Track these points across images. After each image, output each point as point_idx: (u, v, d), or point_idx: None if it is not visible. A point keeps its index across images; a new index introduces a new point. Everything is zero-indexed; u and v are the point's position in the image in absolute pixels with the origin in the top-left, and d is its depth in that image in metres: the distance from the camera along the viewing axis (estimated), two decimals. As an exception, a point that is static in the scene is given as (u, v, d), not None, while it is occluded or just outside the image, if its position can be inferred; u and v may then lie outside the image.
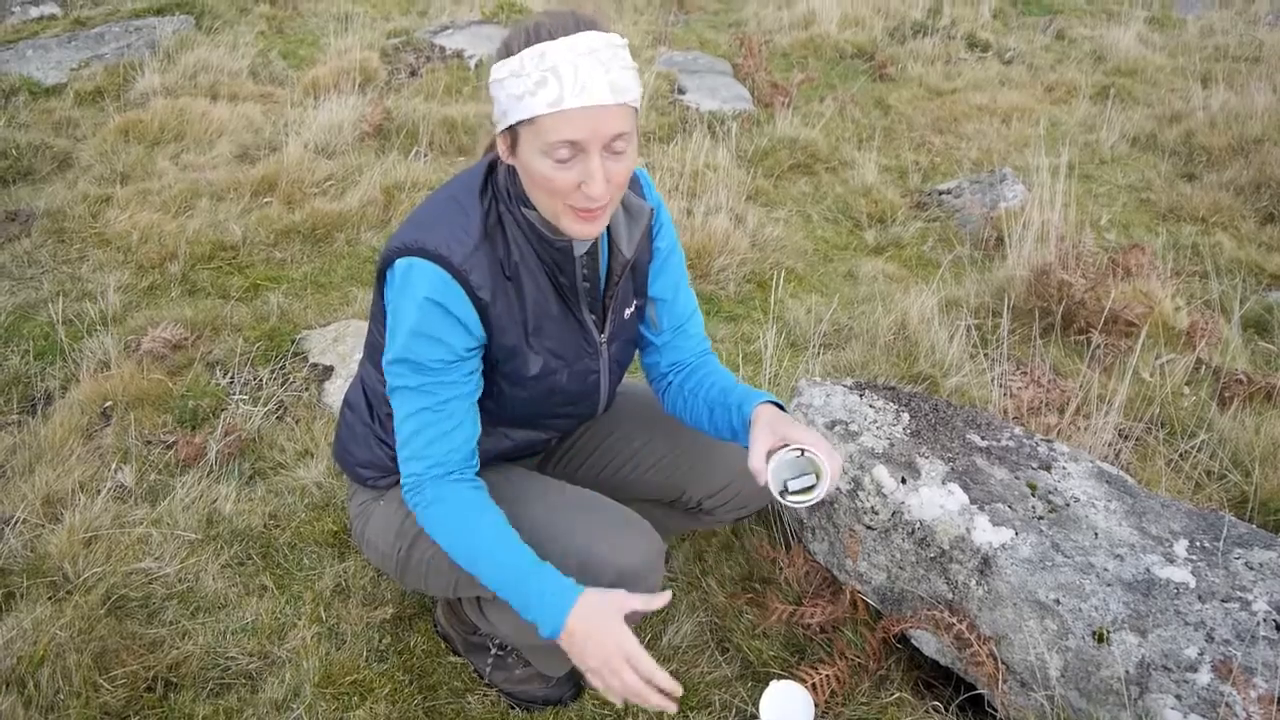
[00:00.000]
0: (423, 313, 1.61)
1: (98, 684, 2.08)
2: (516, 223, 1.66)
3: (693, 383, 1.96)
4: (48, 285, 3.70)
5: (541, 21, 1.49)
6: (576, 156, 1.51)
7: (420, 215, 1.68)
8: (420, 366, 1.64)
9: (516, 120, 1.50)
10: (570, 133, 1.47)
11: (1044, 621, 1.88)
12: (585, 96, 1.45)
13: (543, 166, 1.52)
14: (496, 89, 1.53)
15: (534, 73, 1.45)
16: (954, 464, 2.19)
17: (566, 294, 1.74)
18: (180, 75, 5.80)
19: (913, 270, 4.33)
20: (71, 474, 2.67)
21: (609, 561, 1.73)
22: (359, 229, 4.23)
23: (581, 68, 1.45)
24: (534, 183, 1.57)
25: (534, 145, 1.51)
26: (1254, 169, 5.14)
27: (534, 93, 1.46)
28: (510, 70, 1.48)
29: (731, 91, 6.15)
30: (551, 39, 1.46)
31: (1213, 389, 3.30)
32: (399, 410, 1.70)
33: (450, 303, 1.61)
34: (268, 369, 3.21)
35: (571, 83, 1.45)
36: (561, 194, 1.54)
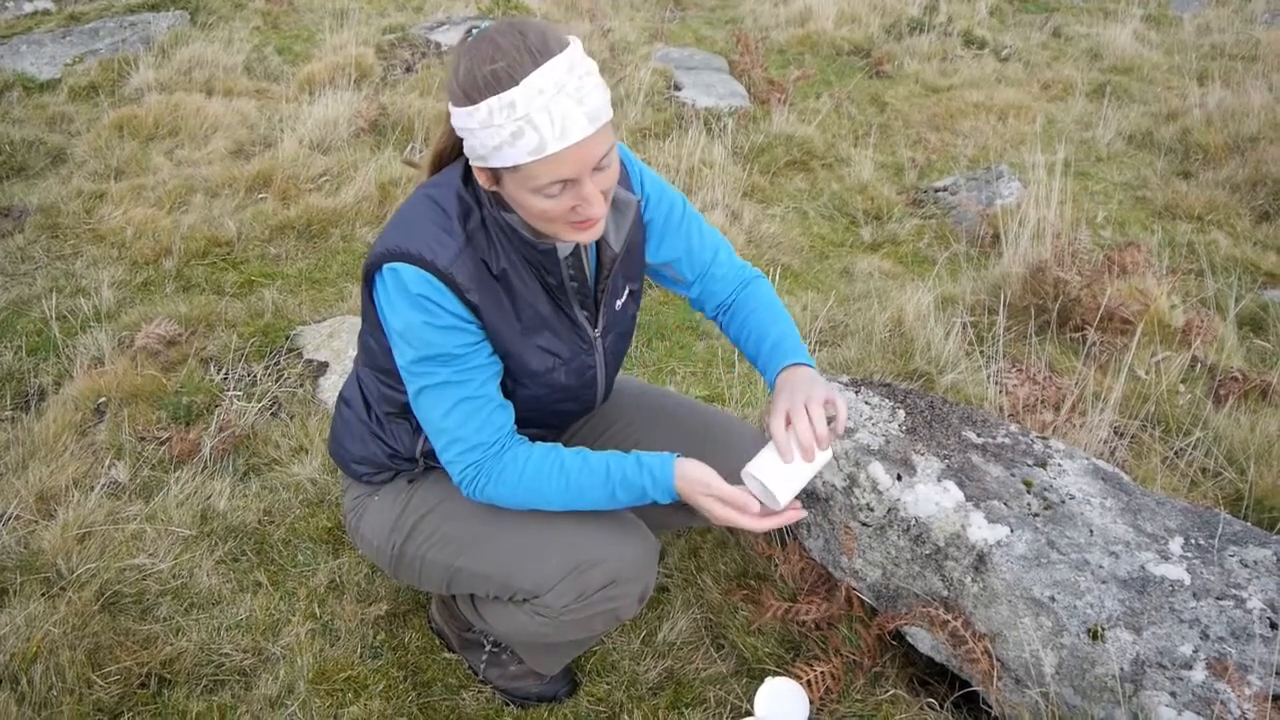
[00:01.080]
0: (423, 309, 1.59)
1: (91, 680, 2.07)
2: (499, 226, 1.63)
3: (734, 328, 1.98)
4: (41, 281, 3.69)
5: (497, 65, 1.39)
6: (568, 187, 1.48)
7: (401, 218, 1.64)
8: (447, 357, 1.62)
9: (498, 166, 1.46)
10: (561, 174, 1.45)
11: (1039, 619, 1.88)
12: (566, 138, 1.41)
13: (535, 202, 1.49)
14: (466, 135, 1.47)
15: (507, 124, 1.39)
16: (949, 461, 2.19)
17: (555, 293, 1.72)
18: (175, 71, 5.79)
19: (909, 267, 4.33)
20: (65, 470, 2.66)
21: (602, 561, 1.74)
22: (354, 225, 4.22)
23: (555, 109, 1.39)
24: (526, 212, 1.55)
25: (521, 186, 1.48)
26: (1250, 167, 5.14)
27: (512, 144, 1.41)
28: (479, 121, 1.42)
29: (728, 88, 6.14)
30: (514, 84, 1.38)
31: (1208, 387, 3.30)
32: (435, 408, 1.66)
33: (443, 301, 1.59)
34: (262, 365, 3.20)
35: (549, 129, 1.39)
36: (559, 218, 1.53)
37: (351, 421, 1.93)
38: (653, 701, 2.14)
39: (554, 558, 1.75)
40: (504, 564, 1.78)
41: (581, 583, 1.73)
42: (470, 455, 1.67)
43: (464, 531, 1.81)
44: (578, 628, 1.81)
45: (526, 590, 1.77)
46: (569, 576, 1.73)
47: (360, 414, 1.91)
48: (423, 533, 1.86)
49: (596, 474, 1.67)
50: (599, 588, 1.74)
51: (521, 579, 1.77)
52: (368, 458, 1.91)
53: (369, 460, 1.91)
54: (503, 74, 1.39)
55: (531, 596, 1.78)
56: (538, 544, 1.76)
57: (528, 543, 1.77)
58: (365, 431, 1.90)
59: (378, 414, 1.87)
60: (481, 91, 1.40)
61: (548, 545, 1.75)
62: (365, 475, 1.93)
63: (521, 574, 1.77)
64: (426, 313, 1.59)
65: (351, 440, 1.93)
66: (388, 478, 1.93)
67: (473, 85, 1.41)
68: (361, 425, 1.91)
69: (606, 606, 1.77)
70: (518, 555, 1.77)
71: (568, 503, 1.70)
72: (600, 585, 1.74)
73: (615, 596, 1.77)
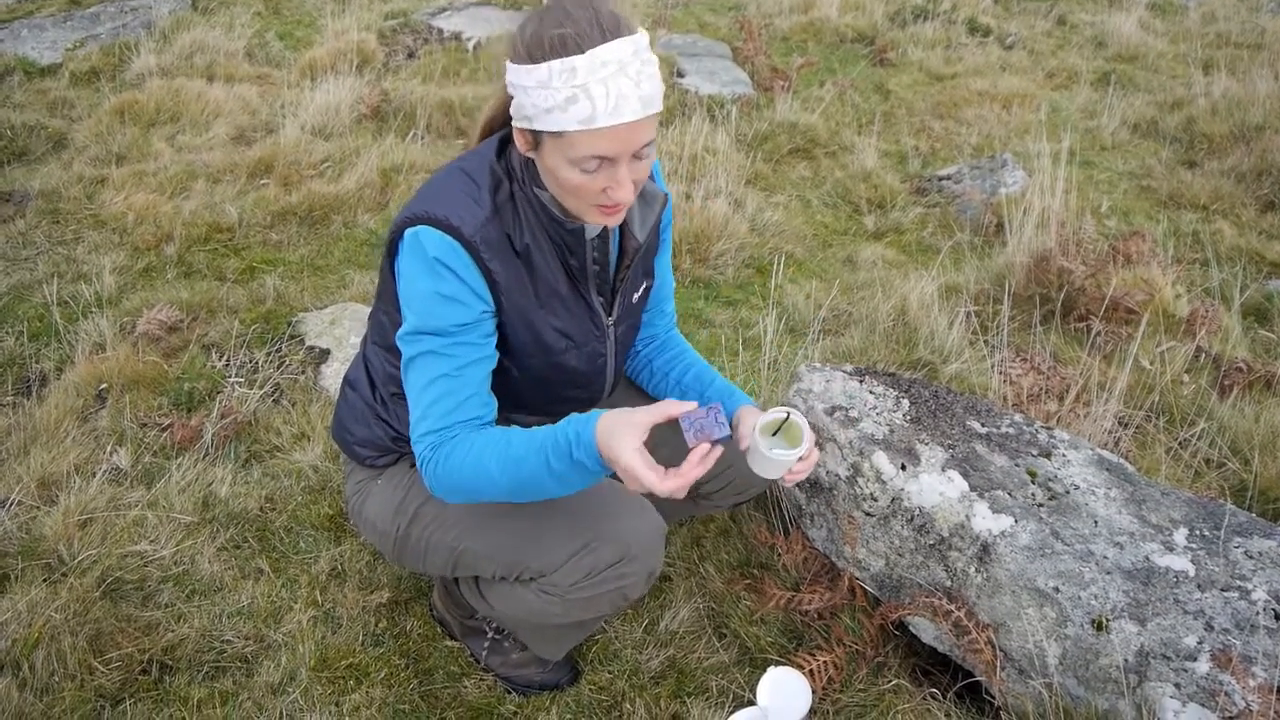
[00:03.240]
0: (435, 274, 1.59)
1: (93, 667, 2.07)
2: (529, 202, 1.65)
3: (663, 359, 2.04)
4: (43, 266, 3.68)
5: (565, 30, 1.42)
6: (604, 166, 1.50)
7: (430, 187, 1.66)
8: (440, 330, 1.61)
9: (543, 129, 1.48)
10: (602, 149, 1.47)
11: (1043, 609, 1.87)
12: (618, 115, 1.44)
13: (569, 174, 1.52)
14: (518, 93, 1.49)
15: (563, 89, 1.42)
16: (954, 451, 2.18)
17: (576, 275, 1.73)
18: (176, 56, 5.77)
19: (912, 256, 4.31)
20: (67, 456, 2.66)
21: (612, 538, 1.74)
22: (356, 211, 4.21)
23: (612, 85, 1.42)
24: (558, 183, 1.57)
25: (561, 154, 1.50)
26: (1255, 156, 5.12)
27: (564, 109, 1.43)
28: (536, 80, 1.44)
29: (731, 75, 6.11)
30: (580, 51, 1.41)
31: (1213, 377, 3.29)
32: (417, 380, 1.65)
33: (460, 268, 1.59)
34: (264, 352, 3.19)
35: (603, 102, 1.42)
36: (587, 197, 1.55)
37: (356, 404, 1.93)
38: (655, 690, 2.14)
39: (563, 535, 1.75)
40: (511, 543, 1.78)
41: (591, 559, 1.73)
42: (433, 439, 1.63)
43: (470, 512, 1.80)
44: (584, 607, 1.80)
45: (534, 569, 1.77)
46: (578, 554, 1.73)
47: (365, 395, 1.90)
48: (427, 515, 1.85)
49: (533, 441, 1.58)
50: (608, 565, 1.74)
51: (530, 557, 1.77)
52: (371, 440, 1.91)
53: (372, 443, 1.91)
54: (569, 39, 1.42)
55: (539, 575, 1.78)
56: (545, 522, 1.76)
57: (535, 521, 1.77)
58: (370, 414, 1.90)
59: (382, 395, 1.87)
60: (545, 52, 1.43)
61: (556, 523, 1.75)
62: (368, 459, 1.93)
63: (529, 552, 1.77)
64: (436, 277, 1.59)
65: (355, 423, 1.92)
66: (390, 461, 1.93)
67: (537, 45, 1.44)
68: (366, 408, 1.90)
69: (615, 585, 1.77)
70: (525, 534, 1.77)
71: (507, 474, 1.59)
72: (610, 562, 1.74)
73: (624, 574, 1.76)
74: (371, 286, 3.66)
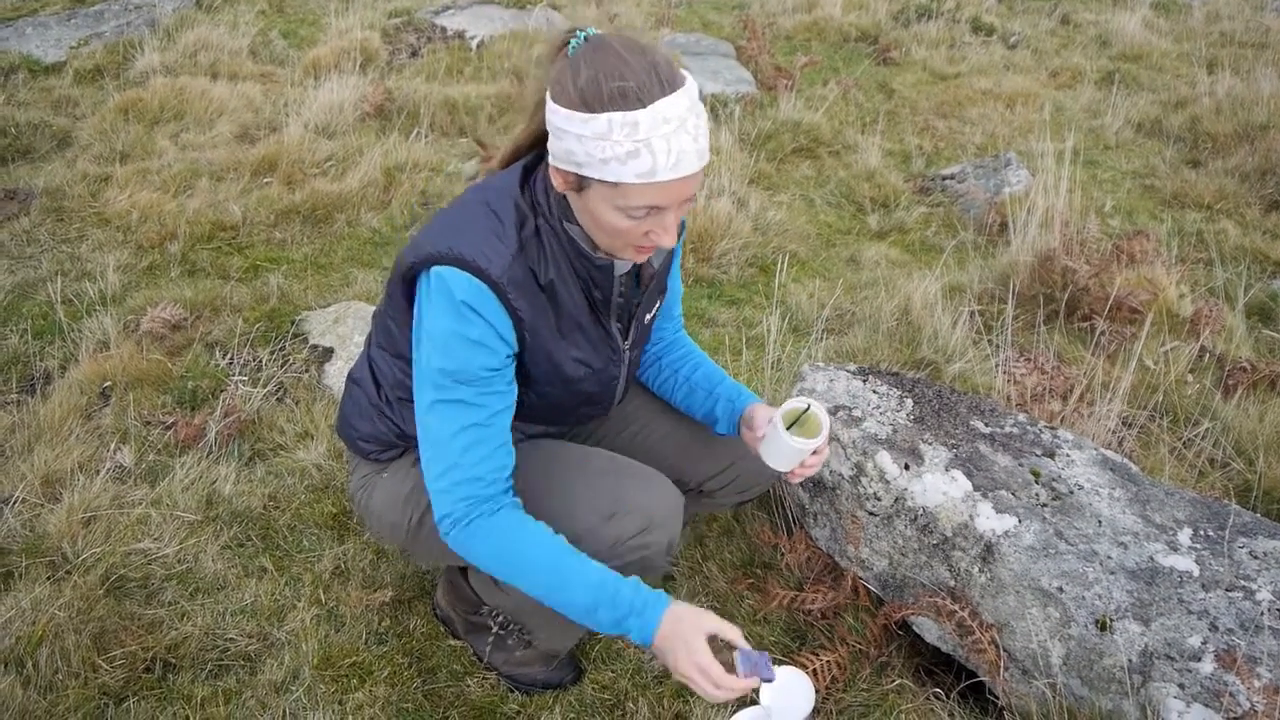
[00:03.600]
0: (462, 318, 1.57)
1: (96, 664, 2.07)
2: (556, 236, 1.63)
3: (672, 356, 2.06)
4: (47, 264, 3.69)
5: (627, 83, 1.40)
6: (653, 213, 1.51)
7: (453, 220, 1.63)
8: (469, 377, 1.60)
9: (595, 177, 1.47)
10: (656, 200, 1.47)
11: (1046, 609, 1.87)
12: (677, 170, 1.44)
13: (615, 219, 1.51)
14: (567, 138, 1.46)
15: (625, 143, 1.41)
16: (957, 451, 2.18)
17: (598, 306, 1.74)
18: (180, 54, 5.77)
19: (916, 255, 4.31)
20: (70, 454, 2.66)
21: (638, 508, 1.76)
22: (359, 210, 4.21)
23: (674, 141, 1.42)
24: (597, 224, 1.56)
25: (609, 201, 1.49)
26: (1259, 156, 5.11)
27: (623, 161, 1.42)
28: (594, 131, 1.42)
29: (734, 74, 6.11)
30: (641, 105, 1.40)
31: (1217, 377, 3.29)
32: (443, 427, 1.62)
33: (488, 311, 1.59)
34: (267, 350, 3.20)
35: (665, 158, 1.42)
36: (629, 239, 1.55)
37: (360, 400, 1.93)
38: (658, 689, 2.13)
39: (585, 507, 1.76)
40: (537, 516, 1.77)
41: (616, 529, 1.74)
42: (465, 488, 1.62)
43: None
44: None
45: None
46: (603, 523, 1.74)
47: (370, 394, 1.90)
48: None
49: (590, 578, 1.61)
50: (633, 534, 1.75)
51: (556, 527, 1.76)
52: (376, 435, 1.91)
53: (377, 438, 1.91)
54: (631, 93, 1.40)
55: None
56: (566, 497, 1.78)
57: (555, 498, 1.78)
58: (374, 412, 1.90)
59: (388, 395, 1.87)
60: (605, 104, 1.41)
61: (577, 497, 1.77)
62: (373, 453, 1.93)
63: (555, 524, 1.76)
64: (463, 321, 1.58)
65: (360, 419, 1.92)
66: (395, 455, 1.93)
67: (595, 95, 1.41)
68: (371, 406, 1.90)
69: (638, 555, 1.78)
70: (551, 508, 1.77)
71: (546, 584, 1.63)
72: (634, 532, 1.75)
73: (647, 544, 1.78)
74: (375, 285, 3.67)
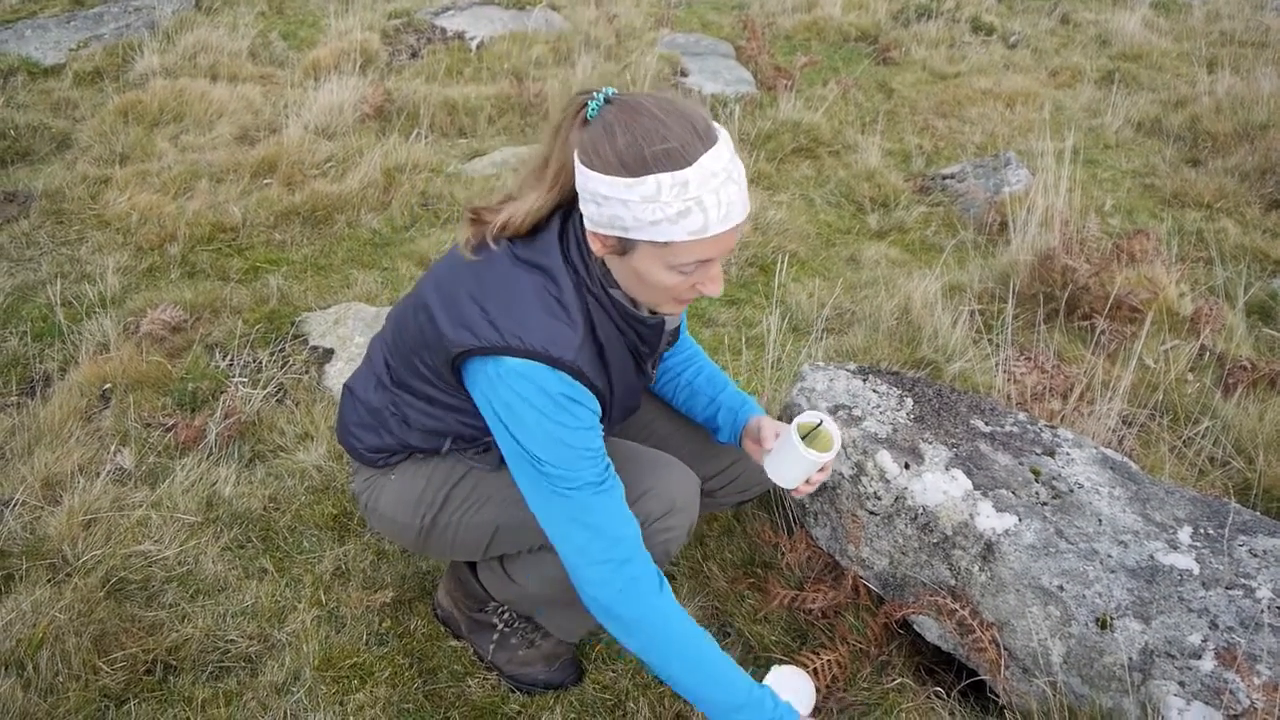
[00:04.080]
0: (566, 410, 1.57)
1: (97, 667, 2.07)
2: (601, 304, 1.62)
3: (676, 359, 2.05)
4: (46, 266, 3.69)
5: (671, 145, 1.40)
6: (700, 265, 1.51)
7: (509, 303, 1.57)
8: (589, 455, 1.60)
9: (645, 239, 1.46)
10: (707, 254, 1.48)
11: (1047, 608, 1.87)
12: (728, 221, 1.44)
13: (664, 276, 1.51)
14: (609, 204, 1.44)
15: (675, 203, 1.40)
16: (957, 450, 2.18)
17: (643, 358, 1.75)
18: (180, 56, 5.78)
19: (916, 255, 4.31)
20: (71, 456, 2.66)
21: (662, 492, 1.78)
22: (359, 211, 4.21)
23: (723, 194, 1.42)
24: (644, 284, 1.55)
25: (659, 260, 1.49)
26: (1259, 155, 5.11)
27: (675, 221, 1.41)
28: (643, 195, 1.40)
29: (734, 74, 6.11)
30: (688, 164, 1.40)
31: (1217, 375, 3.29)
32: (565, 510, 1.61)
33: (583, 397, 1.59)
34: (267, 351, 3.20)
35: (716, 211, 1.42)
36: (678, 294, 1.56)
37: (364, 416, 1.90)
38: (659, 689, 2.13)
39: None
40: None
41: (642, 513, 1.74)
42: (612, 550, 1.61)
43: (508, 485, 1.75)
44: None
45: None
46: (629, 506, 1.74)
47: (376, 413, 1.88)
48: (457, 499, 1.86)
49: (738, 684, 1.64)
50: (657, 516, 1.77)
51: None
52: (381, 447, 1.90)
53: (382, 449, 1.90)
54: (676, 153, 1.40)
55: None
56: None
57: None
58: (380, 428, 1.88)
59: (407, 421, 1.85)
60: (650, 166, 1.40)
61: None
62: (379, 460, 1.92)
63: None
64: (570, 415, 1.57)
65: (363, 431, 1.91)
66: (402, 459, 1.92)
67: (638, 158, 1.40)
68: (376, 423, 1.89)
69: (660, 539, 1.78)
70: None
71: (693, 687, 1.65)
72: (659, 515, 1.77)
73: (670, 527, 1.79)
74: (375, 286, 3.67)
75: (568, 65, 6.05)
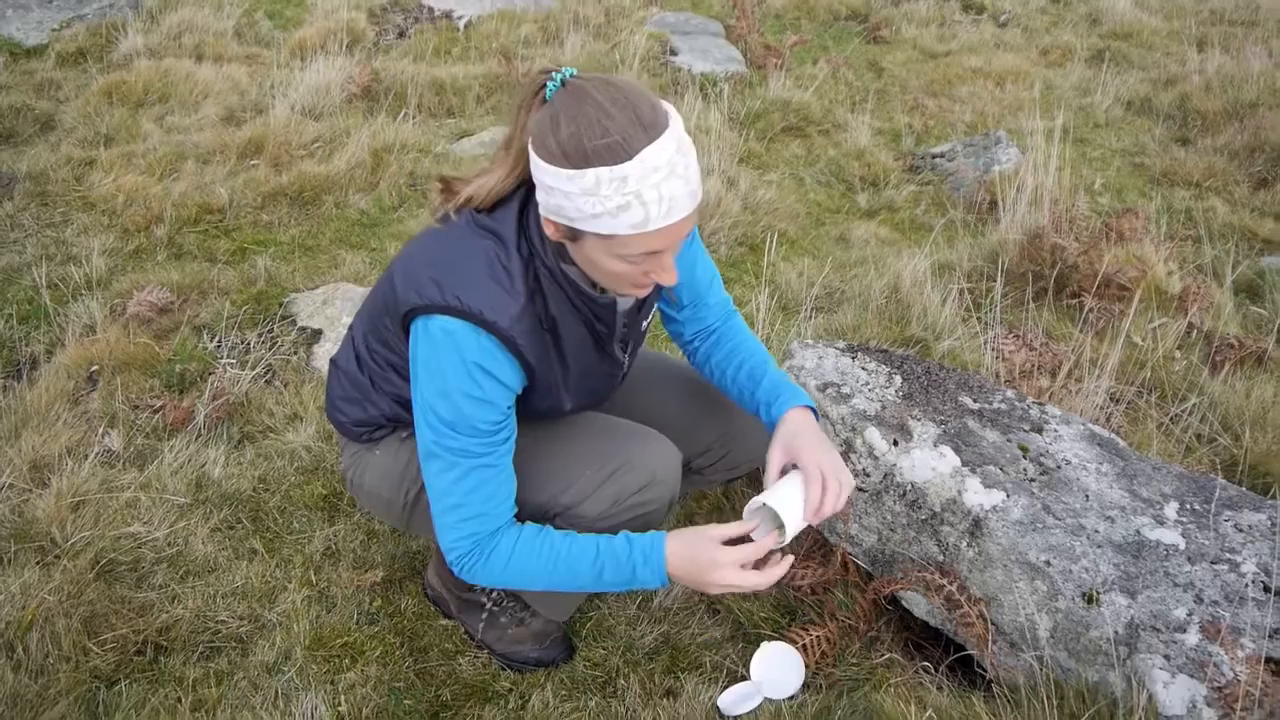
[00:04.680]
0: (470, 378, 1.56)
1: (87, 648, 2.07)
2: (555, 280, 1.61)
3: (719, 356, 1.98)
4: (31, 249, 3.66)
5: (612, 138, 1.35)
6: (650, 256, 1.48)
7: (456, 262, 1.58)
8: (476, 430, 1.60)
9: (588, 230, 1.43)
10: (652, 246, 1.45)
11: (1034, 583, 1.88)
12: (671, 216, 1.40)
13: (613, 264, 1.49)
14: (554, 195, 1.42)
15: (614, 196, 1.36)
16: (946, 427, 2.18)
17: (603, 339, 1.73)
18: (164, 36, 5.72)
19: (905, 234, 4.31)
20: (58, 439, 2.65)
21: (639, 465, 1.78)
22: (347, 191, 4.19)
23: (665, 189, 1.38)
24: (595, 270, 1.53)
25: (605, 250, 1.46)
26: (1248, 133, 5.12)
27: (614, 215, 1.38)
28: (581, 188, 1.37)
29: (724, 53, 6.08)
30: (628, 157, 1.35)
31: (1204, 353, 3.30)
32: (447, 472, 1.63)
33: (498, 370, 1.58)
34: (255, 332, 3.19)
35: (657, 207, 1.38)
36: (629, 280, 1.53)
37: (346, 387, 1.92)
38: (649, 666, 2.14)
39: (587, 468, 1.77)
40: (538, 483, 1.79)
41: (618, 486, 1.76)
42: (471, 525, 1.65)
43: None
44: None
45: (564, 502, 1.78)
46: (605, 482, 1.76)
47: (357, 383, 1.90)
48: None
49: (585, 553, 1.65)
50: (634, 490, 1.77)
51: (559, 491, 1.78)
52: (365, 420, 1.91)
53: (366, 422, 1.92)
54: (617, 146, 1.35)
55: (567, 509, 1.79)
56: (567, 458, 1.79)
57: (555, 461, 1.80)
58: (362, 398, 1.90)
59: (379, 386, 1.86)
60: (590, 160, 1.36)
61: (577, 456, 1.79)
62: (363, 434, 1.94)
63: (558, 487, 1.78)
64: (474, 383, 1.57)
65: (347, 404, 1.92)
66: (386, 432, 1.93)
67: (579, 151, 1.37)
68: (359, 394, 1.90)
69: (640, 513, 1.79)
70: (552, 471, 1.79)
71: (554, 583, 1.67)
72: (636, 488, 1.77)
73: (648, 501, 1.79)
74: (364, 267, 3.66)
75: (556, 44, 6.02)
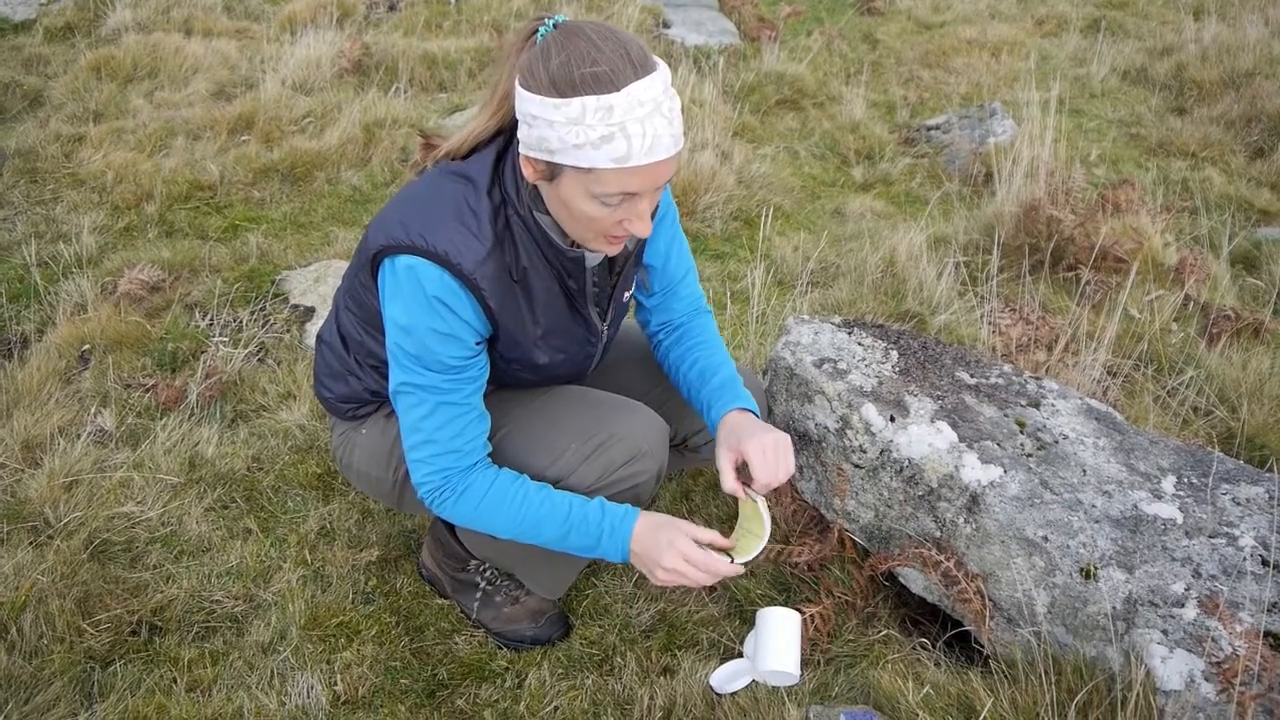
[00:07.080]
0: (433, 311, 1.57)
1: (81, 629, 2.06)
2: (527, 228, 1.61)
3: (678, 352, 1.99)
4: (21, 227, 3.63)
5: (600, 68, 1.37)
6: (626, 200, 1.48)
7: (425, 206, 1.59)
8: (443, 365, 1.61)
9: (568, 164, 1.43)
10: (631, 186, 1.45)
11: (1031, 558, 1.88)
12: (652, 154, 1.41)
13: (588, 206, 1.48)
14: (538, 125, 1.42)
15: (598, 127, 1.38)
16: (942, 402, 2.17)
17: (574, 296, 1.73)
18: (153, 10, 5.67)
19: (901, 207, 4.29)
20: (50, 418, 2.63)
21: (626, 436, 1.78)
22: (339, 168, 4.15)
23: (649, 125, 1.39)
24: (569, 213, 1.53)
25: (583, 187, 1.46)
26: (1245, 103, 5.10)
27: (597, 146, 1.39)
28: (568, 116, 1.38)
29: (717, 26, 6.04)
30: (615, 89, 1.37)
31: (1201, 325, 3.29)
32: (416, 408, 1.65)
33: (460, 307, 1.58)
34: (248, 310, 3.16)
35: (640, 141, 1.39)
36: (601, 228, 1.53)
37: (331, 361, 1.93)
38: (645, 644, 2.14)
39: (573, 441, 1.77)
40: (525, 458, 1.79)
41: (605, 459, 1.76)
42: (442, 460, 1.67)
43: None
44: None
45: (549, 477, 1.78)
46: (592, 455, 1.76)
47: (340, 355, 1.90)
48: None
49: (557, 511, 1.68)
50: (622, 463, 1.77)
51: (545, 466, 1.78)
52: (351, 396, 1.92)
53: (352, 398, 1.92)
54: (604, 76, 1.37)
55: (554, 483, 1.78)
56: (553, 430, 1.79)
57: (542, 431, 1.80)
58: (345, 373, 1.90)
59: (357, 357, 1.87)
60: (578, 88, 1.38)
61: (564, 429, 1.79)
62: (349, 411, 1.94)
63: (544, 461, 1.78)
64: (436, 316, 1.57)
65: (332, 380, 1.93)
66: (371, 410, 1.94)
67: (568, 80, 1.38)
68: (341, 367, 1.90)
69: (628, 485, 1.79)
70: (539, 445, 1.79)
71: (519, 533, 1.70)
72: (623, 460, 1.77)
73: (636, 474, 1.79)
74: (356, 243, 3.63)
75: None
